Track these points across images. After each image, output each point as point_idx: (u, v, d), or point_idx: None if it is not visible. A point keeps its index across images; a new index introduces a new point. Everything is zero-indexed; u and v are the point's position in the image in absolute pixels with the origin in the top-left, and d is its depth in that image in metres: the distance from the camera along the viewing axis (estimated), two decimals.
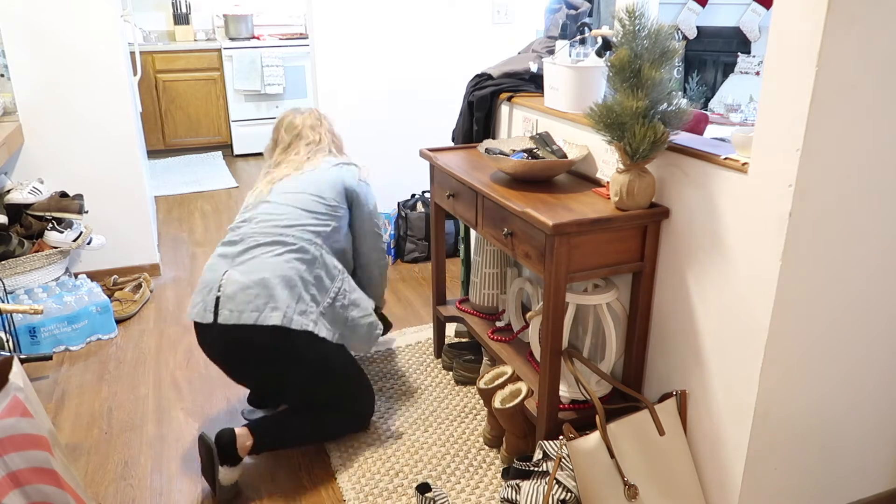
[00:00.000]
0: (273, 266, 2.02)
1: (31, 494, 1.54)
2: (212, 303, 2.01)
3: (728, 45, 3.81)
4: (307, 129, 2.38)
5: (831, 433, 1.76)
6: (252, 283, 1.98)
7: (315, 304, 2.06)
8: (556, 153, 2.07)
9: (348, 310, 2.16)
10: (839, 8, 1.31)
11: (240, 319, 1.96)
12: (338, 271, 2.16)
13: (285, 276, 2.02)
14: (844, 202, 1.51)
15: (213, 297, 2.01)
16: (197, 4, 5.97)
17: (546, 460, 1.80)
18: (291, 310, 1.99)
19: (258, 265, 2.03)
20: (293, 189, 2.20)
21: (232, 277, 2.01)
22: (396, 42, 3.63)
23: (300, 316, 2.00)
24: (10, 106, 3.11)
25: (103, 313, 2.89)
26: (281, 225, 2.11)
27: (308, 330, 2.00)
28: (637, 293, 1.89)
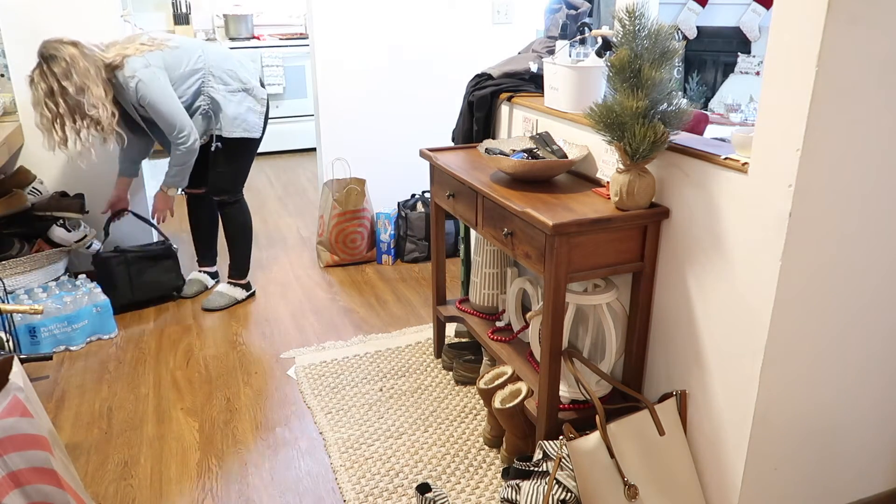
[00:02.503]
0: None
1: (31, 494, 1.54)
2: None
3: (728, 45, 3.81)
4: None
5: (831, 433, 1.76)
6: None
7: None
8: (556, 153, 2.07)
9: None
10: (839, 8, 1.31)
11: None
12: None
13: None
14: (844, 202, 1.51)
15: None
16: (197, 4, 5.96)
17: (546, 460, 1.80)
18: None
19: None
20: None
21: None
22: (396, 42, 3.64)
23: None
24: (10, 106, 3.11)
25: (103, 313, 2.89)
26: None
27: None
28: (637, 293, 1.89)
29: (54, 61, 2.52)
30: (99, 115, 2.60)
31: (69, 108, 2.56)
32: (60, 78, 2.53)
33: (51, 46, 2.54)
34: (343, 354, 2.76)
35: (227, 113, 2.87)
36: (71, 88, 2.54)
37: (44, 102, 2.55)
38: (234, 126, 2.90)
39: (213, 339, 2.91)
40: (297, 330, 2.99)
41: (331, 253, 3.62)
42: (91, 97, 2.57)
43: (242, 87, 2.92)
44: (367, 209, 3.63)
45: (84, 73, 2.55)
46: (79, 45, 2.57)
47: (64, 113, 2.56)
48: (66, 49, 2.54)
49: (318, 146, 3.74)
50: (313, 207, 4.59)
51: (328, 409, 2.42)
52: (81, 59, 2.55)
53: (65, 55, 2.53)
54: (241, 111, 2.91)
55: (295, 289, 3.39)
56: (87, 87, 2.56)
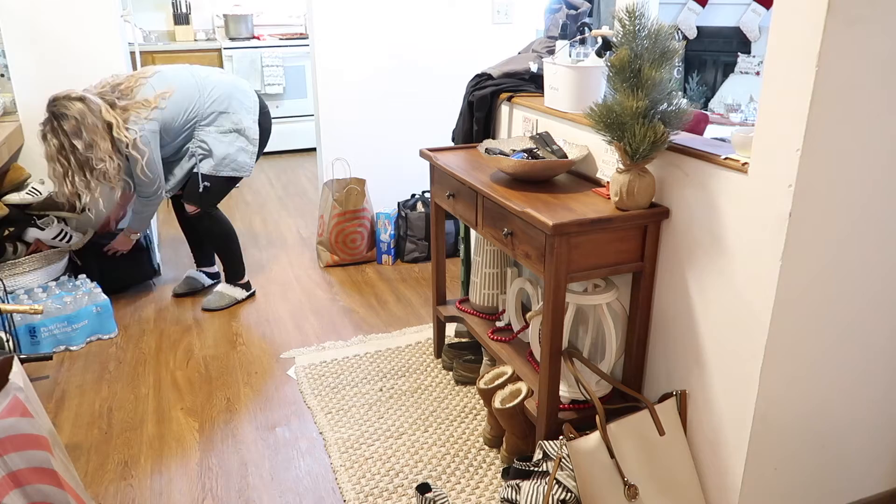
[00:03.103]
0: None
1: (31, 494, 1.54)
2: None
3: (728, 45, 3.81)
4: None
5: (831, 433, 1.76)
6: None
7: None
8: (556, 153, 2.07)
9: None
10: (839, 8, 1.31)
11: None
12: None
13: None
14: (844, 202, 1.51)
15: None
16: (197, 4, 5.96)
17: (546, 460, 1.80)
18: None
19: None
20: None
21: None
22: (396, 42, 3.64)
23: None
24: (10, 106, 3.11)
25: (103, 313, 2.89)
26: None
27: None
28: (637, 293, 1.89)
29: (64, 119, 2.62)
30: (106, 168, 2.70)
31: (79, 164, 2.67)
32: (71, 136, 2.62)
33: (60, 104, 2.62)
34: (343, 354, 2.76)
35: (216, 153, 2.92)
36: (80, 146, 2.63)
37: (56, 158, 2.66)
38: (223, 166, 2.94)
39: (213, 339, 2.91)
40: (297, 330, 2.99)
41: (331, 253, 3.62)
42: (99, 152, 2.66)
43: (234, 129, 2.94)
44: (367, 209, 3.63)
45: (92, 129, 2.64)
46: (86, 99, 2.65)
47: (74, 168, 2.68)
48: (74, 106, 2.62)
49: (318, 146, 3.74)
50: (313, 207, 4.59)
51: (328, 409, 2.42)
52: (89, 115, 2.64)
53: (74, 113, 2.62)
54: (232, 151, 2.94)
55: (295, 289, 3.39)
56: (96, 143, 2.65)
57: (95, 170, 2.69)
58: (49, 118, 2.66)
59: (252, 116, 3.00)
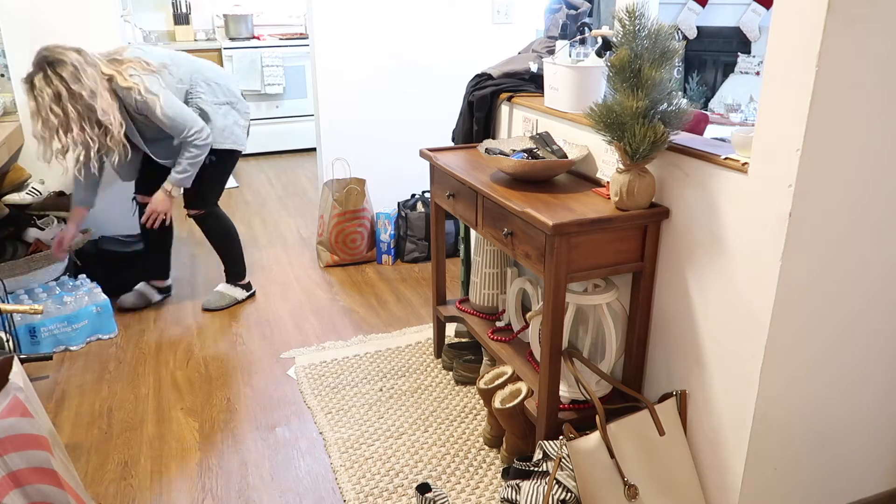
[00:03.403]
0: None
1: (31, 494, 1.54)
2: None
3: (728, 45, 3.81)
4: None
5: (831, 433, 1.76)
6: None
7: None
8: (556, 153, 2.07)
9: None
10: (839, 8, 1.31)
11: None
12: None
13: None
14: (844, 202, 1.51)
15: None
16: (197, 4, 5.97)
17: (546, 460, 1.80)
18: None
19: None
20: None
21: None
22: (396, 42, 3.64)
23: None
24: (10, 106, 3.11)
25: (103, 313, 2.89)
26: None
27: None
28: (637, 293, 1.89)
29: (61, 65, 2.40)
30: (110, 122, 2.48)
31: (79, 114, 2.42)
32: (70, 81, 2.40)
33: (55, 51, 2.42)
34: (343, 354, 2.76)
35: (216, 124, 2.83)
36: (83, 92, 2.41)
37: (49, 108, 2.39)
38: (224, 137, 2.88)
39: (213, 339, 2.91)
40: (297, 330, 2.99)
41: (331, 253, 3.62)
42: (103, 102, 2.46)
43: (227, 101, 2.90)
44: (367, 209, 3.63)
45: (93, 78, 2.45)
46: (82, 52, 2.48)
47: (73, 118, 2.41)
48: (71, 54, 2.44)
49: (318, 146, 3.74)
50: (313, 207, 4.59)
51: (328, 409, 2.42)
52: (87, 65, 2.46)
53: (72, 59, 2.42)
54: (228, 123, 2.89)
55: (295, 289, 3.39)
56: (99, 93, 2.45)
57: (99, 123, 2.45)
58: (40, 66, 2.40)
59: (239, 91, 2.97)
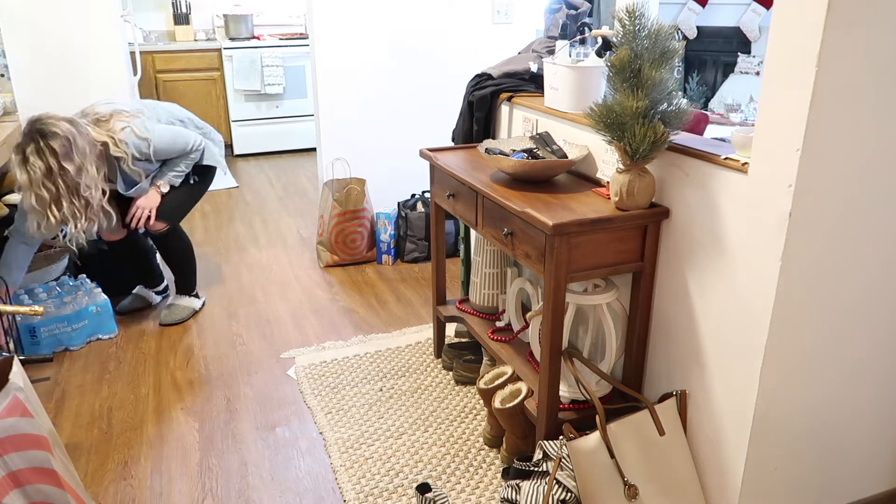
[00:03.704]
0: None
1: (31, 494, 1.54)
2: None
3: (728, 45, 3.81)
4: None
5: (831, 433, 1.76)
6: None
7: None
8: (556, 153, 2.07)
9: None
10: (839, 8, 1.31)
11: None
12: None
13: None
14: (844, 202, 1.51)
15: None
16: (197, 4, 5.96)
17: (546, 460, 1.80)
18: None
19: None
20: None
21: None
22: (396, 42, 3.64)
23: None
24: (10, 106, 3.11)
25: (103, 313, 2.89)
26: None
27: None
28: (637, 293, 1.89)
29: (54, 138, 2.38)
30: (91, 196, 2.50)
31: (68, 189, 2.43)
32: (61, 158, 2.39)
33: (48, 123, 2.40)
34: (343, 354, 2.76)
35: (215, 144, 2.95)
36: (71, 169, 2.41)
37: (41, 183, 2.38)
38: (206, 155, 2.93)
39: (213, 339, 2.91)
40: (297, 330, 2.99)
41: (331, 253, 3.62)
42: (87, 177, 2.46)
43: (201, 132, 2.95)
44: (367, 209, 3.63)
45: (82, 153, 2.45)
46: (74, 122, 2.47)
47: (63, 193, 2.42)
48: (62, 126, 2.41)
49: (318, 146, 3.74)
50: (313, 207, 4.59)
51: (328, 409, 2.42)
52: (79, 136, 2.45)
53: (65, 132, 2.40)
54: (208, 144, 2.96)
55: (295, 289, 3.39)
56: (85, 168, 2.46)
57: (82, 197, 2.47)
58: (31, 137, 2.39)
59: (204, 123, 3.05)
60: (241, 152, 5.93)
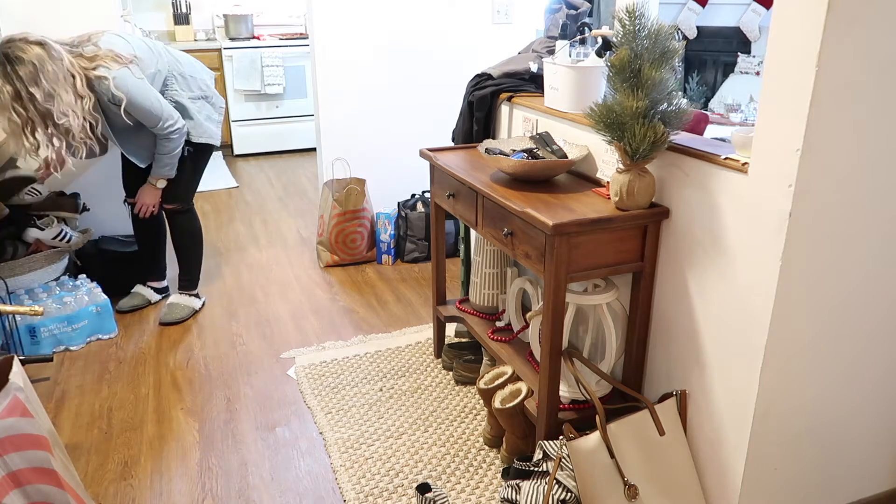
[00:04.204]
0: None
1: (31, 494, 1.54)
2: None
3: (728, 45, 3.82)
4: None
5: (831, 433, 1.76)
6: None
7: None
8: (556, 153, 2.07)
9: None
10: (839, 8, 1.31)
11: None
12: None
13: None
14: (844, 202, 1.51)
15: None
16: (197, 4, 5.97)
17: (546, 460, 1.80)
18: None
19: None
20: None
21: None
22: (396, 42, 3.64)
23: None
24: None
25: (103, 313, 2.89)
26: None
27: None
28: (637, 293, 1.89)
29: (20, 63, 2.32)
30: (69, 124, 2.42)
31: (40, 115, 2.38)
32: (28, 83, 2.33)
33: (16, 47, 2.33)
34: (343, 354, 2.76)
35: (192, 119, 2.84)
36: (39, 95, 2.35)
37: (11, 107, 2.35)
38: (201, 131, 2.88)
39: (213, 339, 2.91)
40: (297, 330, 2.99)
41: (331, 253, 3.62)
42: (61, 104, 2.39)
43: (202, 95, 2.89)
44: (367, 209, 3.63)
45: (53, 79, 2.36)
46: (46, 45, 2.38)
47: (35, 118, 2.39)
48: (32, 50, 2.34)
49: (318, 146, 3.74)
50: (313, 207, 4.59)
51: (328, 409, 2.42)
52: (49, 62, 2.36)
53: (32, 58, 2.33)
54: (202, 119, 2.88)
55: (295, 289, 3.39)
56: (57, 94, 2.38)
57: (58, 124, 2.40)
58: (1, 61, 2.33)
59: (213, 83, 2.96)
60: (241, 152, 5.92)
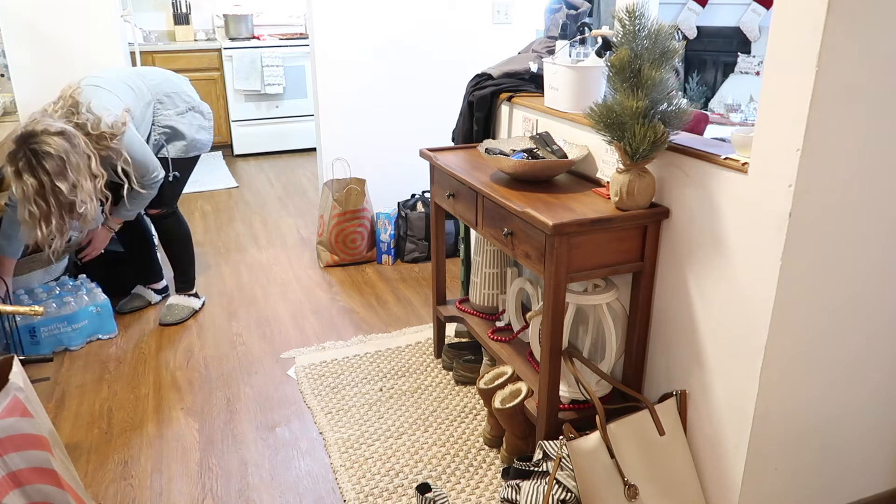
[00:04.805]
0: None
1: (31, 494, 1.54)
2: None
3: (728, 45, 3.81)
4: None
5: (831, 433, 1.76)
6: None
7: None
8: (556, 153, 2.07)
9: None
10: (839, 8, 1.31)
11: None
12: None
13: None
14: (844, 202, 1.51)
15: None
16: (197, 4, 5.97)
17: (546, 460, 1.80)
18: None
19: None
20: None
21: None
22: (396, 42, 3.64)
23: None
24: (9, 106, 3.11)
25: (103, 313, 2.89)
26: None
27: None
28: (637, 293, 1.89)
29: (48, 158, 2.27)
30: (87, 211, 2.40)
31: (60, 207, 2.34)
32: (54, 177, 2.28)
33: (41, 141, 2.27)
34: (343, 354, 2.76)
35: (186, 136, 2.84)
36: (64, 188, 2.30)
37: (33, 200, 2.30)
38: (190, 148, 2.89)
39: (213, 339, 2.91)
40: (297, 330, 2.99)
41: (331, 253, 3.62)
42: (82, 193, 2.36)
43: (189, 107, 2.87)
44: (367, 209, 3.63)
45: (76, 169, 2.34)
46: (66, 133, 2.33)
47: (54, 211, 2.33)
48: (55, 142, 2.29)
49: (318, 146, 3.74)
50: (313, 207, 4.59)
51: (328, 409, 2.42)
52: (72, 153, 2.33)
53: (59, 151, 2.28)
54: (192, 132, 2.88)
55: (295, 289, 3.39)
56: (80, 184, 2.35)
57: (76, 212, 2.37)
58: (24, 155, 2.28)
59: (194, 91, 2.95)
60: (241, 152, 5.93)
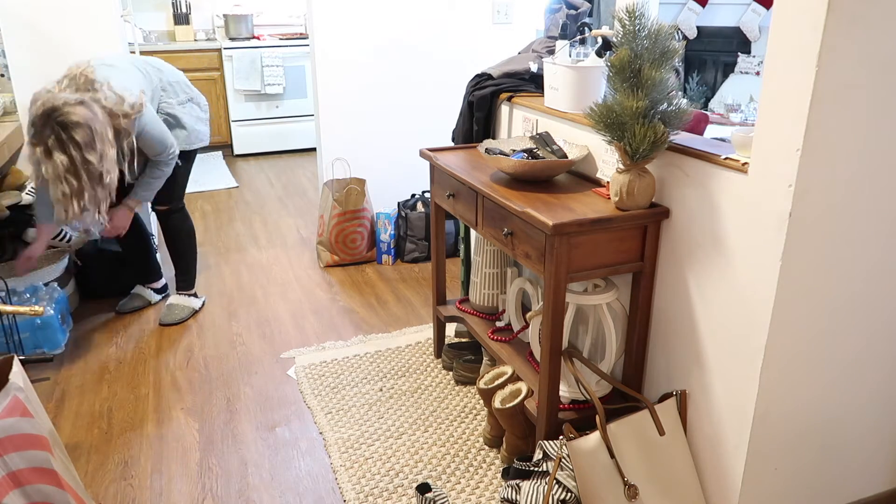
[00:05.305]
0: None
1: (31, 494, 1.54)
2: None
3: (728, 45, 3.82)
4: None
5: (831, 433, 1.76)
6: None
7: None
8: (556, 153, 2.07)
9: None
10: (839, 8, 1.31)
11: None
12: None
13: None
14: (844, 202, 1.51)
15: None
16: (197, 4, 5.97)
17: (546, 460, 1.80)
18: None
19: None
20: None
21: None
22: (396, 42, 3.64)
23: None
24: (9, 106, 3.11)
25: (45, 326, 2.82)
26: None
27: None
28: (637, 293, 1.89)
29: (76, 128, 2.20)
30: (112, 180, 2.35)
31: (91, 181, 2.28)
32: (84, 149, 2.22)
33: (64, 113, 2.21)
34: (343, 354, 2.76)
35: (187, 126, 2.82)
36: (94, 158, 2.25)
37: (63, 178, 2.23)
38: (193, 139, 2.87)
39: (213, 339, 2.91)
40: (297, 330, 2.99)
41: (331, 253, 3.62)
42: (108, 162, 2.31)
43: (188, 97, 2.87)
44: (367, 209, 3.63)
45: (102, 137, 2.28)
46: (86, 102, 2.27)
47: (86, 185, 2.28)
48: (79, 112, 2.22)
49: (318, 146, 3.74)
50: (313, 207, 4.59)
51: (328, 409, 2.42)
52: (96, 120, 2.27)
53: (85, 120, 2.22)
54: (193, 122, 2.87)
55: (295, 289, 3.39)
56: (106, 154, 2.29)
57: (104, 183, 2.31)
58: (53, 130, 2.21)
59: (190, 83, 2.94)
60: (241, 152, 5.93)
